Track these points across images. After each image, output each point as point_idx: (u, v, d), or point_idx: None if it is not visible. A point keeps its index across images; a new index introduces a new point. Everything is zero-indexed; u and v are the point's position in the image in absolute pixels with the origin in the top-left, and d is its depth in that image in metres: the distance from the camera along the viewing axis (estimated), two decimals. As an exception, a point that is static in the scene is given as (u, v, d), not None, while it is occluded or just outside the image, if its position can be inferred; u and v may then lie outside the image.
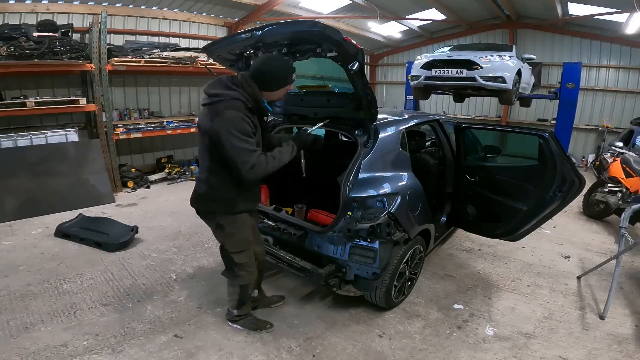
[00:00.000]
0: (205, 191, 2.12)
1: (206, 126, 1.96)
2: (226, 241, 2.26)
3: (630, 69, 8.23)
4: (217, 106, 1.94)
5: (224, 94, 1.96)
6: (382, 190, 2.53)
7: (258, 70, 2.04)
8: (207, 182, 2.10)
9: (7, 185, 4.51)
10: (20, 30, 4.82)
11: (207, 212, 2.20)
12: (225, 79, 2.02)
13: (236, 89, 1.98)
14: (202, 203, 2.18)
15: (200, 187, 2.15)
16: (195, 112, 7.52)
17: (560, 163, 2.67)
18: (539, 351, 2.41)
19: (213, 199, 2.12)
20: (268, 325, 2.57)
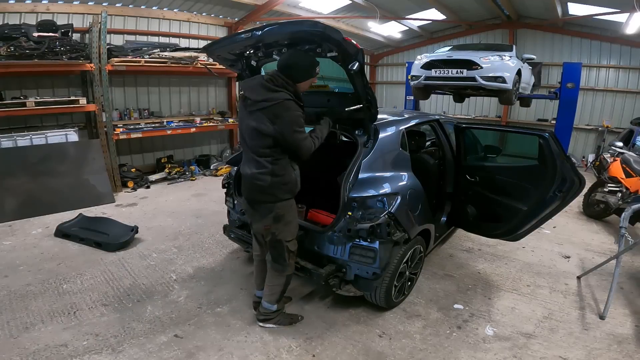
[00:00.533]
0: (271, 182, 2.22)
1: (267, 130, 2.13)
2: (283, 230, 2.34)
3: (630, 69, 8.23)
4: (275, 110, 2.11)
5: (274, 97, 2.12)
6: (382, 190, 2.53)
7: (287, 65, 2.20)
8: (271, 174, 2.21)
9: (7, 185, 4.51)
10: (20, 30, 4.82)
11: (269, 203, 2.27)
12: (264, 82, 2.16)
13: (281, 89, 2.14)
14: (267, 194, 2.26)
15: (263, 180, 2.22)
16: (195, 112, 7.53)
17: (560, 163, 2.67)
18: (539, 351, 2.41)
19: (278, 187, 2.24)
20: (299, 317, 2.64)
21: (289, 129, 2.11)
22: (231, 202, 3.24)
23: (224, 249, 3.78)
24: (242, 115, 2.35)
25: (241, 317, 2.68)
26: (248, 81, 2.33)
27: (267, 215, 2.30)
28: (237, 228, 3.18)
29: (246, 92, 2.23)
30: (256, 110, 2.16)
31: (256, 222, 2.41)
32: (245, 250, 3.31)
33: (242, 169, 2.42)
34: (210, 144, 8.06)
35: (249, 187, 2.33)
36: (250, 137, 2.25)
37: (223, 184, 3.31)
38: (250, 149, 2.28)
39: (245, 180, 2.35)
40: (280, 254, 2.38)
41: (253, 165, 2.27)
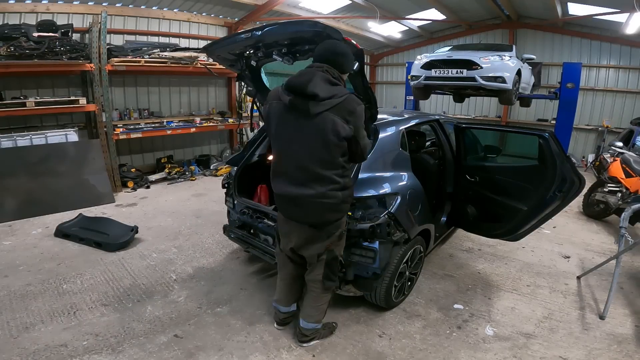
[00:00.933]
0: (342, 198, 2.01)
1: (344, 132, 1.84)
2: (341, 245, 2.21)
3: (630, 69, 8.23)
4: (347, 105, 1.85)
5: (340, 92, 1.85)
6: (382, 190, 2.53)
7: (333, 53, 1.94)
8: (342, 188, 1.99)
9: (7, 185, 4.51)
10: (20, 30, 4.82)
11: (337, 221, 2.07)
12: (324, 76, 1.87)
13: (339, 82, 1.91)
14: (338, 212, 2.05)
15: (334, 197, 1.98)
16: (195, 112, 7.52)
17: (560, 163, 2.67)
18: (539, 351, 2.41)
19: (347, 201, 2.07)
20: (334, 324, 2.57)
21: (361, 125, 1.86)
22: (231, 202, 3.24)
23: (224, 249, 3.78)
24: (294, 120, 1.92)
25: (241, 317, 2.68)
26: (300, 77, 1.89)
27: (333, 233, 2.08)
28: (237, 228, 3.18)
29: (309, 88, 1.81)
30: (325, 110, 1.82)
31: (315, 244, 2.13)
32: (245, 250, 3.31)
33: (290, 188, 2.03)
34: (210, 144, 8.06)
35: (315, 208, 2.00)
36: (315, 145, 1.89)
37: (223, 184, 3.31)
38: (311, 162, 1.93)
39: (305, 201, 2.00)
40: (334, 271, 2.21)
41: (317, 182, 1.95)
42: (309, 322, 2.35)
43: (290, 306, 2.51)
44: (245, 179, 3.24)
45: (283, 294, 2.49)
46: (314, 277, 2.26)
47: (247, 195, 3.19)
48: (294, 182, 2.02)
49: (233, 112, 8.05)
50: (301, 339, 2.39)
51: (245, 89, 5.84)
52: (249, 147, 3.35)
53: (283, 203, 2.16)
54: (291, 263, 2.38)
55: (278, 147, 2.07)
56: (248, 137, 7.66)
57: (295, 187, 2.02)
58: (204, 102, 7.88)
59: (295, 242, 2.21)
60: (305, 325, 2.36)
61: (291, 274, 2.42)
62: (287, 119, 1.96)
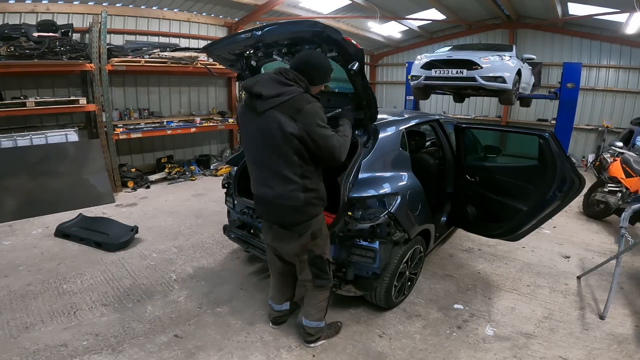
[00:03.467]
0: (305, 200, 1.98)
1: (290, 129, 1.83)
2: (321, 244, 2.18)
3: (630, 69, 8.23)
4: (293, 104, 1.85)
5: (291, 91, 1.87)
6: (382, 190, 2.53)
7: (306, 63, 1.98)
8: (303, 190, 1.96)
9: (7, 185, 4.51)
10: (20, 30, 4.82)
11: (304, 222, 2.05)
12: (275, 77, 1.90)
13: (294, 84, 1.90)
14: (301, 213, 2.02)
15: (294, 199, 1.97)
16: (195, 112, 7.52)
17: (560, 163, 2.67)
18: (539, 351, 2.41)
19: (312, 203, 2.02)
20: (339, 323, 2.58)
21: (313, 123, 1.83)
22: (231, 202, 3.24)
23: (224, 249, 3.78)
24: (248, 121, 1.98)
25: (241, 317, 2.68)
26: (253, 78, 1.96)
27: (304, 234, 2.08)
28: (237, 228, 3.18)
29: (256, 87, 1.88)
30: (270, 108, 1.85)
31: (287, 244, 2.15)
32: (245, 250, 3.30)
33: (258, 189, 2.10)
34: (210, 144, 8.06)
35: (276, 209, 2.04)
36: (267, 144, 1.92)
37: (223, 184, 3.31)
38: (267, 162, 1.96)
39: (267, 202, 2.06)
40: (321, 269, 2.21)
41: (276, 183, 1.97)
42: (310, 320, 2.36)
43: (283, 304, 2.52)
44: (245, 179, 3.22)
45: (275, 291, 2.52)
46: (305, 277, 2.27)
47: (247, 195, 3.17)
48: (259, 181, 2.08)
49: (233, 112, 8.04)
50: (307, 338, 2.39)
51: (245, 89, 5.83)
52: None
53: (255, 202, 2.23)
54: (277, 260, 2.39)
55: (244, 147, 2.16)
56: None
57: (261, 186, 2.07)
58: (204, 102, 7.88)
59: (269, 239, 2.26)
60: (308, 324, 2.37)
61: (279, 270, 2.44)
62: (244, 118, 2.04)
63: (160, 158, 7.02)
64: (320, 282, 2.25)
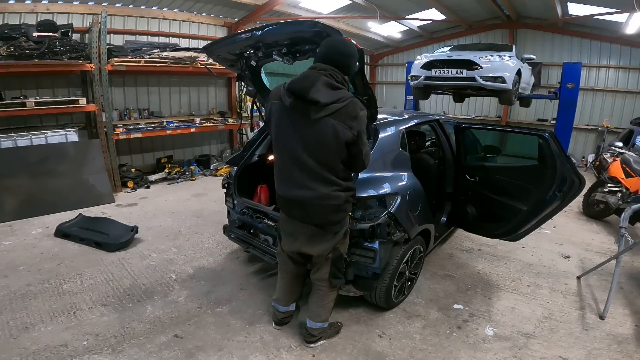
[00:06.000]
0: (345, 198, 2.02)
1: (345, 137, 1.83)
2: (345, 243, 2.22)
3: (630, 69, 8.22)
4: (349, 110, 1.82)
5: (345, 96, 1.84)
6: (382, 190, 2.53)
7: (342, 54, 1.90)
8: (344, 189, 2.01)
9: (7, 185, 4.51)
10: (20, 30, 4.82)
11: (340, 222, 2.08)
12: (327, 80, 1.83)
13: (342, 86, 1.87)
14: (341, 212, 2.06)
15: (337, 198, 1.99)
16: (195, 112, 7.52)
17: (560, 163, 2.67)
18: (539, 351, 2.41)
19: (349, 201, 2.08)
20: (339, 323, 2.59)
21: (363, 131, 1.85)
22: (231, 202, 3.24)
23: (224, 249, 3.78)
24: (295, 125, 1.91)
25: (241, 317, 2.68)
26: (302, 81, 1.85)
27: (339, 232, 2.11)
28: (237, 228, 3.18)
29: (312, 94, 1.78)
30: (326, 115, 1.80)
31: (321, 244, 2.13)
32: (245, 250, 3.31)
33: (293, 191, 2.03)
34: (210, 144, 8.06)
35: (317, 210, 2.02)
36: (315, 149, 1.89)
37: (223, 184, 3.31)
38: (311, 166, 1.92)
39: (307, 203, 2.01)
40: (340, 268, 2.22)
41: (318, 184, 1.95)
42: (317, 321, 2.35)
43: (289, 306, 2.51)
44: (245, 179, 3.24)
45: (282, 293, 2.49)
46: (321, 276, 2.25)
47: (247, 195, 3.19)
48: (295, 184, 2.02)
49: (233, 112, 8.05)
50: (308, 339, 2.39)
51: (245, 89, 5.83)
52: (249, 147, 3.35)
53: (285, 204, 2.16)
54: (291, 262, 2.37)
55: (279, 149, 2.07)
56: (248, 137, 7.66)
57: (297, 189, 2.02)
58: (204, 102, 7.88)
59: (301, 241, 2.19)
60: (313, 325, 2.36)
61: (291, 273, 2.41)
62: (288, 120, 1.96)
63: (160, 158, 7.02)
64: (336, 282, 2.26)
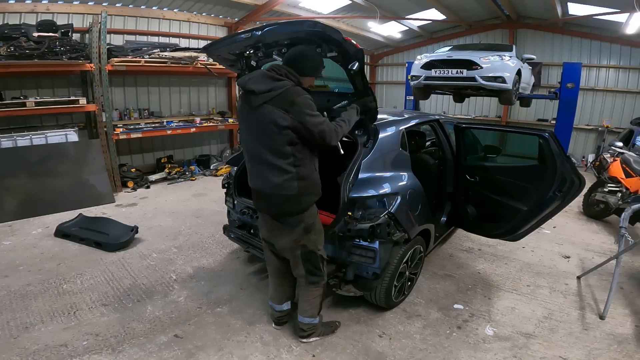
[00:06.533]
0: (299, 189, 2.04)
1: (284, 122, 1.93)
2: (315, 240, 2.20)
3: (630, 69, 8.22)
4: (285, 97, 1.95)
5: (282, 85, 1.97)
6: (382, 190, 2.53)
7: (294, 57, 2.08)
8: (296, 178, 2.03)
9: (7, 185, 4.51)
10: (20, 30, 4.82)
11: (298, 213, 2.09)
12: (267, 73, 2.02)
13: (285, 78, 2.00)
14: (295, 203, 2.07)
15: (289, 188, 2.03)
16: (195, 112, 7.52)
17: (560, 163, 2.67)
18: (539, 351, 2.41)
19: (306, 192, 2.07)
20: (337, 322, 2.59)
21: (304, 113, 1.93)
22: (231, 202, 3.24)
23: (224, 249, 3.78)
24: (245, 116, 2.10)
25: (241, 317, 2.68)
26: (247, 76, 2.08)
27: (297, 227, 2.12)
28: (237, 228, 3.18)
29: (248, 84, 1.99)
30: (264, 103, 1.96)
31: (282, 237, 2.21)
32: (245, 250, 3.31)
33: (255, 182, 2.17)
34: (210, 144, 8.06)
35: (272, 199, 2.10)
36: (262, 137, 2.01)
37: (223, 184, 3.31)
38: (262, 155, 2.04)
39: (263, 193, 2.13)
40: (315, 266, 2.23)
41: (272, 174, 2.04)
42: (304, 316, 2.39)
43: (283, 304, 2.52)
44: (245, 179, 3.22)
45: (274, 291, 2.53)
46: (298, 273, 2.30)
47: (247, 195, 3.17)
48: (253, 174, 2.17)
49: (233, 112, 8.04)
50: (300, 334, 2.43)
51: (245, 89, 5.82)
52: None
53: (253, 196, 2.29)
54: (275, 258, 2.41)
55: (242, 143, 2.29)
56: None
57: (257, 179, 2.16)
58: (204, 102, 7.88)
59: (264, 233, 2.35)
60: (302, 320, 2.40)
61: (277, 269, 2.45)
62: (242, 115, 2.16)
63: (160, 158, 7.02)
64: (313, 279, 2.27)
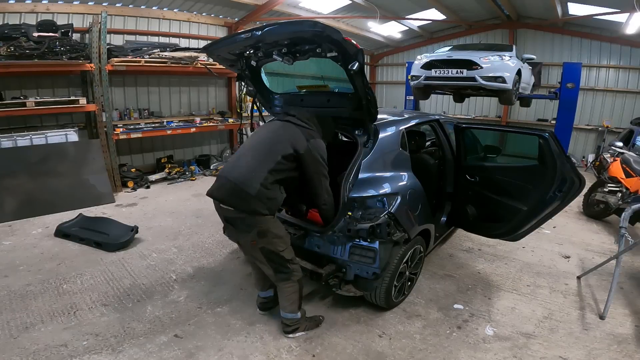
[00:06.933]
0: (257, 193, 2.10)
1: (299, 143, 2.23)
2: (273, 243, 2.24)
3: (630, 69, 8.23)
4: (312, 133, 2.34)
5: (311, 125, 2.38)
6: (382, 190, 2.53)
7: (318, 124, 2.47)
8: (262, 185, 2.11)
9: (7, 185, 4.51)
10: (20, 30, 4.82)
11: (250, 213, 2.14)
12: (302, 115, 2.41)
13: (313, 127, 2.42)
14: (244, 202, 2.12)
15: (250, 187, 2.10)
16: (195, 112, 7.52)
17: (560, 163, 2.67)
18: (539, 351, 2.41)
19: (260, 200, 2.12)
20: (320, 317, 2.64)
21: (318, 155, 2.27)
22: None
23: (224, 249, 3.78)
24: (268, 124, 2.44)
25: (241, 317, 2.68)
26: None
27: (250, 232, 2.18)
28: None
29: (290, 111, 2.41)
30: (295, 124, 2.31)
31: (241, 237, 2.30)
32: (245, 250, 3.31)
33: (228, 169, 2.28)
34: (210, 144, 8.06)
35: (229, 188, 2.17)
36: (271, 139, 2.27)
37: (223, 184, 3.31)
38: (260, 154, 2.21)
39: (226, 180, 2.20)
40: (280, 264, 2.28)
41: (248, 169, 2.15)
42: (285, 312, 2.45)
43: (267, 291, 2.63)
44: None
45: (256, 279, 2.67)
46: (267, 272, 2.38)
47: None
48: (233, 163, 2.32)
49: (233, 112, 8.05)
50: (284, 329, 2.48)
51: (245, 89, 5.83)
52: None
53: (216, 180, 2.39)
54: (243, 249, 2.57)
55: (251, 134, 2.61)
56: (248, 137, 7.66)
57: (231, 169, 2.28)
58: (204, 102, 7.88)
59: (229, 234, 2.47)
60: (285, 315, 2.46)
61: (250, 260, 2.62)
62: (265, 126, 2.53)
63: (160, 158, 7.02)
64: (281, 276, 2.33)
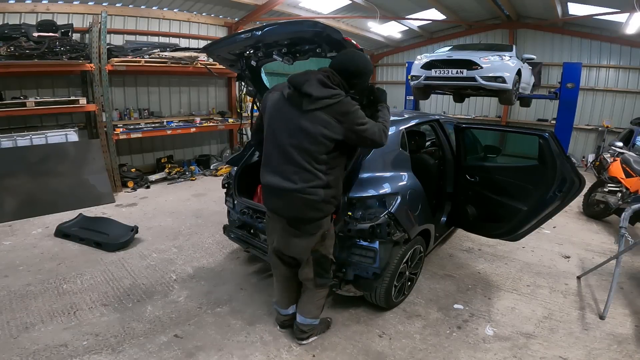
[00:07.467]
0: (324, 196, 2.00)
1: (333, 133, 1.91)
2: (329, 245, 2.19)
3: (630, 69, 8.22)
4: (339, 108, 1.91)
5: (336, 94, 1.91)
6: (382, 190, 2.53)
7: (351, 71, 2.00)
8: (325, 186, 1.99)
9: (7, 185, 4.50)
10: (20, 30, 4.82)
11: (318, 220, 2.06)
12: (322, 79, 1.93)
13: (338, 88, 1.95)
14: (317, 210, 2.03)
15: (315, 194, 1.98)
16: (195, 112, 7.52)
17: (560, 163, 2.67)
18: (539, 351, 2.41)
19: (329, 201, 2.05)
20: (329, 319, 2.61)
21: (355, 123, 1.92)
22: (231, 202, 3.24)
23: (224, 249, 3.78)
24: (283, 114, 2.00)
25: (241, 317, 2.68)
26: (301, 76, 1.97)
27: (315, 233, 2.09)
28: (237, 228, 3.18)
29: (305, 87, 1.90)
30: (316, 109, 1.90)
31: (297, 244, 2.16)
32: (245, 250, 3.31)
33: (272, 179, 2.06)
34: (210, 144, 8.06)
35: (292, 202, 2.02)
36: (303, 141, 1.94)
37: (223, 184, 3.31)
38: (296, 157, 1.96)
39: (286, 195, 2.02)
40: (324, 268, 2.24)
41: (298, 177, 1.97)
42: (307, 317, 2.37)
43: (289, 308, 2.49)
44: (245, 179, 3.24)
45: (280, 296, 2.49)
46: (306, 276, 2.26)
47: (247, 195, 3.19)
48: (279, 173, 2.04)
49: (233, 112, 8.05)
50: (299, 335, 2.40)
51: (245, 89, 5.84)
52: (248, 147, 3.35)
53: (266, 194, 2.19)
54: (282, 264, 2.37)
55: (269, 137, 2.10)
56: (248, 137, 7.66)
57: (280, 178, 2.03)
58: (204, 102, 7.88)
59: (277, 240, 2.24)
60: (303, 321, 2.37)
61: (284, 275, 2.41)
62: (282, 110, 2.02)
63: (160, 158, 7.02)
64: (321, 281, 2.27)
